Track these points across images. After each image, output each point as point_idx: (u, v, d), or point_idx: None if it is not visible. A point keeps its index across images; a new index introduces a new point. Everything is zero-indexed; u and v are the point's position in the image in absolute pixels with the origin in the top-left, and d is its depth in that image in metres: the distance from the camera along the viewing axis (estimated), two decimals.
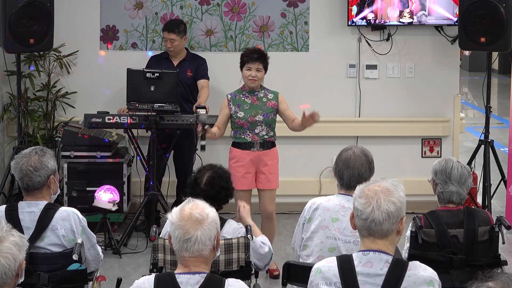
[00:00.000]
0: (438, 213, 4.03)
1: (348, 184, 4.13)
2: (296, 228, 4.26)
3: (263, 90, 5.92)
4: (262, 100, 5.87)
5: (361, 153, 4.19)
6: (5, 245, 2.85)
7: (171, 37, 6.77)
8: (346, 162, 4.14)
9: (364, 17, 7.23)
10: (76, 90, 7.30)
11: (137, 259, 6.22)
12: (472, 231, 3.96)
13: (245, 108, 5.86)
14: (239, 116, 5.84)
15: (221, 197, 4.11)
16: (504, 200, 7.27)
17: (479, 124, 10.38)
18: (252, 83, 5.83)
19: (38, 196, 4.03)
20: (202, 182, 4.11)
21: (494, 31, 6.63)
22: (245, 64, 5.83)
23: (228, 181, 4.19)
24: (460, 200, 4.09)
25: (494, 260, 4.01)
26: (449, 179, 4.07)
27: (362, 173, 4.14)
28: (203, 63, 6.95)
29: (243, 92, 5.91)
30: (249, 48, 6.16)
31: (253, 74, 5.80)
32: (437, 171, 4.13)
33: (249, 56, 5.83)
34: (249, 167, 5.84)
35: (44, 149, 4.10)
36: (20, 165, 4.00)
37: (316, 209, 4.11)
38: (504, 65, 18.14)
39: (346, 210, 4.05)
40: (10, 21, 6.35)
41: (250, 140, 5.83)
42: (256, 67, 5.81)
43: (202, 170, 4.18)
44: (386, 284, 2.97)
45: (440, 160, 4.19)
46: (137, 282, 3.07)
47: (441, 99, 7.51)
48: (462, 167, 4.10)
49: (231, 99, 5.90)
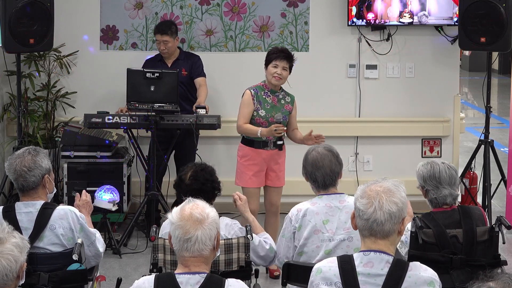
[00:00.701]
0: (433, 215, 4.02)
1: (324, 184, 4.15)
2: (279, 240, 4.19)
3: (282, 92, 5.91)
4: (281, 101, 5.86)
5: (326, 150, 4.21)
6: (7, 246, 2.85)
7: (164, 39, 6.76)
8: (314, 163, 4.15)
9: (364, 17, 7.23)
10: (76, 90, 7.30)
11: (137, 259, 6.22)
12: (471, 231, 3.95)
13: (266, 107, 5.81)
14: (260, 114, 5.79)
15: (206, 189, 4.07)
16: (504, 200, 7.26)
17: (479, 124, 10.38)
18: (276, 81, 5.78)
19: (34, 196, 4.02)
20: (186, 178, 4.10)
21: (494, 31, 6.63)
22: (271, 61, 5.77)
23: (213, 174, 4.15)
24: (453, 200, 4.08)
25: (494, 260, 4.00)
26: (440, 184, 4.03)
27: (333, 168, 4.16)
28: (197, 60, 6.94)
29: (265, 90, 5.85)
30: (276, 46, 6.08)
31: (279, 71, 5.75)
32: (425, 177, 4.07)
33: (278, 53, 5.78)
34: (262, 165, 5.83)
35: (37, 149, 4.09)
36: (14, 166, 3.99)
37: (304, 215, 4.08)
38: (504, 65, 18.14)
39: (333, 209, 4.07)
40: (10, 21, 6.35)
41: (265, 139, 5.81)
42: (283, 66, 5.77)
43: (185, 168, 4.18)
44: (386, 284, 2.97)
45: (424, 165, 4.11)
46: (137, 282, 3.07)
47: (441, 99, 7.51)
48: (449, 167, 4.07)
49: (254, 95, 5.82)
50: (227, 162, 7.23)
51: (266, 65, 5.82)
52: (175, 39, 6.84)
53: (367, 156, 7.50)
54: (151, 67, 6.76)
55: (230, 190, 6.38)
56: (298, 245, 4.08)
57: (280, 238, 4.19)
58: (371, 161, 7.51)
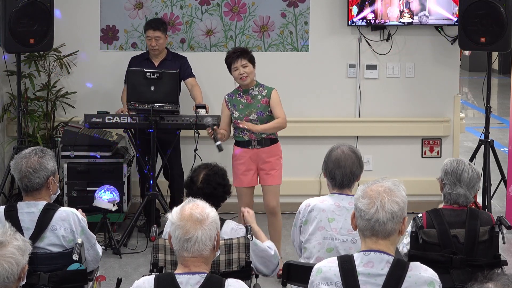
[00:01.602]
0: (441, 211, 4.03)
1: (341, 184, 4.15)
2: (293, 228, 4.26)
3: (257, 87, 5.93)
4: (256, 98, 5.89)
5: (350, 151, 4.19)
6: (9, 249, 2.85)
7: (156, 35, 6.74)
8: (336, 161, 4.14)
9: (364, 17, 7.23)
10: (76, 90, 7.30)
11: (137, 259, 6.22)
12: (474, 231, 3.96)
13: (240, 108, 5.90)
14: (235, 116, 5.89)
15: (218, 194, 4.10)
16: (504, 200, 7.26)
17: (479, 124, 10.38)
18: (244, 81, 5.85)
19: (37, 197, 4.02)
20: (198, 180, 4.10)
21: (494, 31, 6.63)
22: (231, 66, 5.88)
23: (224, 178, 4.17)
24: (467, 203, 4.09)
25: (494, 260, 4.01)
26: (459, 181, 4.06)
27: (354, 171, 4.15)
28: (185, 62, 6.92)
29: (238, 92, 5.96)
30: (229, 50, 6.16)
31: (241, 71, 5.83)
32: (447, 171, 4.11)
33: (231, 56, 5.88)
34: (249, 164, 5.89)
35: (44, 150, 4.09)
36: (19, 166, 4.00)
37: (311, 210, 4.10)
38: (504, 65, 18.14)
39: (341, 209, 4.07)
40: (10, 21, 6.35)
41: (248, 139, 5.88)
42: (241, 64, 5.83)
43: (197, 169, 4.18)
44: (386, 284, 2.97)
45: (452, 161, 4.16)
46: (137, 282, 3.07)
47: (441, 99, 7.51)
48: (473, 170, 4.09)
49: (228, 100, 5.95)
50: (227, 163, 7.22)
51: (229, 71, 5.91)
52: (165, 36, 6.84)
53: (367, 156, 7.49)
54: (137, 65, 6.73)
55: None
56: (304, 239, 4.10)
57: (293, 227, 4.26)
58: (371, 161, 7.51)
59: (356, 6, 7.21)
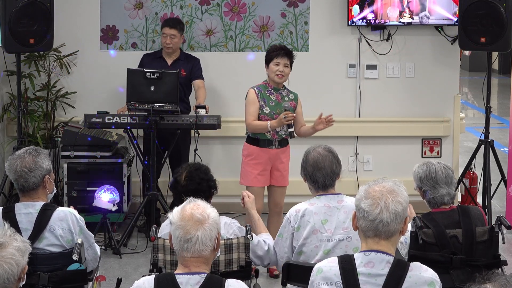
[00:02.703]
0: (433, 215, 4.03)
1: (324, 185, 4.16)
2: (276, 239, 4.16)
3: (285, 89, 5.93)
4: (285, 99, 5.87)
5: (326, 151, 4.21)
6: (8, 250, 2.85)
7: (172, 32, 6.77)
8: (315, 164, 4.16)
9: (364, 17, 7.23)
10: (76, 90, 7.30)
11: (137, 259, 6.22)
12: (470, 230, 3.96)
13: (271, 105, 5.84)
14: (265, 111, 5.82)
15: (203, 189, 4.04)
16: (504, 200, 7.26)
17: (479, 124, 10.38)
18: (279, 79, 5.82)
19: (34, 197, 4.01)
20: (181, 179, 4.08)
21: (494, 31, 6.63)
22: (272, 59, 5.81)
23: (207, 173, 4.14)
24: (451, 200, 4.09)
25: (494, 260, 4.01)
26: (437, 183, 4.06)
27: (334, 169, 4.17)
28: (197, 63, 6.95)
29: (268, 88, 5.89)
30: (275, 45, 6.12)
31: (281, 69, 5.80)
32: (422, 178, 4.10)
33: (278, 51, 5.82)
34: (267, 164, 5.86)
35: (38, 149, 4.08)
36: (14, 166, 3.99)
37: (303, 215, 4.07)
38: (504, 65, 18.15)
39: (332, 209, 4.08)
40: (10, 21, 6.35)
41: (270, 138, 5.84)
42: (284, 63, 5.81)
43: (180, 170, 4.16)
44: (387, 284, 2.97)
45: (420, 166, 4.14)
46: (137, 282, 3.07)
47: (441, 99, 7.51)
48: (445, 167, 4.09)
49: (258, 93, 5.86)
50: (227, 162, 7.24)
51: (267, 63, 5.84)
52: (181, 36, 6.85)
53: (367, 156, 7.49)
54: (149, 62, 6.76)
55: (230, 190, 6.43)
56: (297, 245, 4.08)
57: (277, 238, 4.17)
58: (371, 161, 7.51)
59: (357, 5, 7.21)
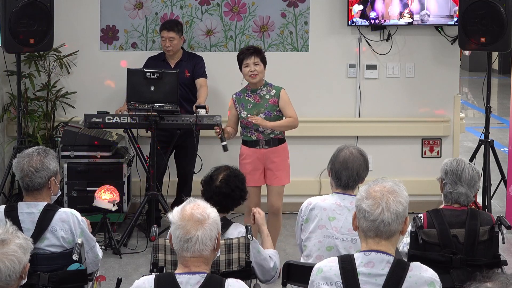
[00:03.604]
0: (441, 212, 4.04)
1: (346, 185, 4.14)
2: (296, 227, 4.27)
3: (266, 87, 5.93)
4: (264, 97, 5.88)
5: (358, 153, 4.19)
6: (11, 247, 2.86)
7: (170, 35, 6.76)
8: (344, 162, 4.12)
9: (364, 17, 7.23)
10: (76, 90, 7.30)
11: (137, 259, 6.22)
12: (474, 231, 3.96)
13: (248, 108, 5.88)
14: (242, 115, 5.88)
15: (235, 196, 4.12)
16: (504, 200, 7.26)
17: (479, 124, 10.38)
18: (253, 79, 5.84)
19: (37, 197, 4.02)
20: (218, 179, 4.13)
21: (494, 31, 6.63)
22: (242, 62, 5.87)
23: (243, 183, 4.21)
24: (467, 202, 4.10)
25: (494, 260, 4.01)
26: (459, 180, 4.07)
27: (360, 173, 4.15)
28: (200, 61, 6.94)
29: (247, 91, 5.94)
30: (242, 48, 6.22)
31: (252, 68, 5.83)
32: (447, 171, 4.12)
33: (244, 53, 5.89)
34: (256, 164, 5.88)
35: (47, 150, 4.09)
36: (21, 165, 4.00)
37: (312, 209, 4.11)
38: (504, 65, 18.15)
39: (342, 208, 4.07)
40: (10, 21, 6.35)
41: (256, 139, 5.88)
42: (253, 61, 5.83)
43: (219, 169, 4.21)
44: (387, 284, 2.97)
45: (452, 160, 4.17)
46: (137, 282, 3.07)
47: (441, 99, 7.51)
48: (474, 169, 4.11)
49: (236, 99, 5.95)
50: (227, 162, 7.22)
51: (240, 68, 5.90)
52: (181, 37, 6.85)
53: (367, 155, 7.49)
54: (154, 65, 6.77)
55: None
56: (304, 237, 4.10)
57: (296, 226, 4.26)
58: (371, 161, 7.43)
59: (358, 5, 7.21)
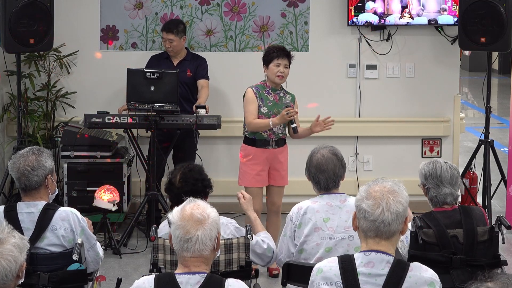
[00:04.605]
0: (434, 215, 4.03)
1: (326, 187, 4.16)
2: (281, 239, 4.20)
3: (282, 90, 5.93)
4: (282, 99, 5.86)
5: (330, 153, 4.19)
6: (6, 247, 2.85)
7: (169, 37, 6.77)
8: (318, 166, 4.15)
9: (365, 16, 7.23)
10: (76, 90, 7.30)
11: (137, 259, 6.22)
12: (472, 230, 3.96)
13: (268, 105, 5.83)
14: (263, 111, 5.81)
15: (198, 189, 4.05)
16: (504, 200, 7.26)
17: (479, 124, 10.38)
18: (279, 80, 5.81)
19: (36, 196, 4.02)
20: (176, 181, 4.10)
21: (494, 31, 6.63)
22: (273, 60, 5.79)
23: (201, 173, 4.15)
24: (454, 200, 4.09)
25: (494, 260, 4.01)
26: (441, 182, 4.06)
27: (337, 172, 4.17)
28: (203, 63, 6.95)
29: (266, 89, 5.88)
30: (275, 45, 6.14)
31: (282, 70, 5.79)
32: (426, 175, 4.11)
33: (278, 52, 5.81)
34: (264, 165, 5.85)
35: (41, 149, 4.09)
36: (17, 165, 3.99)
37: (304, 213, 4.09)
38: (504, 65, 18.14)
39: (334, 208, 4.08)
40: (10, 21, 6.35)
41: (266, 138, 5.83)
42: (285, 64, 5.81)
43: (174, 171, 4.18)
44: (387, 284, 2.97)
45: (427, 163, 4.16)
46: (137, 282, 3.07)
47: (441, 99, 7.51)
48: (451, 167, 4.10)
49: (257, 92, 5.84)
50: (227, 162, 7.24)
51: (267, 64, 5.83)
52: (182, 38, 6.84)
53: (367, 156, 7.50)
54: (157, 63, 6.78)
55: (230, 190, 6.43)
56: (298, 243, 4.09)
57: (282, 238, 4.20)
58: (371, 161, 7.51)
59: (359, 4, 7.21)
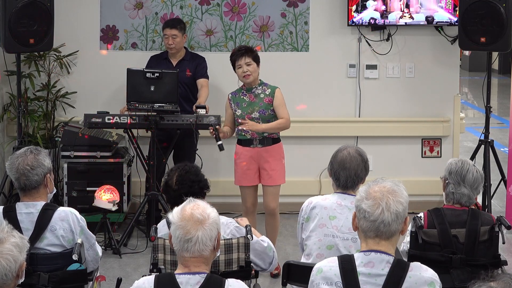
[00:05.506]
0: (442, 211, 4.04)
1: (345, 185, 4.16)
2: (297, 226, 4.29)
3: (261, 86, 5.95)
4: (259, 96, 5.90)
5: (356, 153, 4.19)
6: (6, 246, 2.85)
7: (173, 33, 6.76)
8: (342, 163, 4.15)
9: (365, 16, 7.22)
10: (76, 90, 7.30)
11: (137, 259, 6.22)
12: (474, 231, 3.96)
13: (243, 106, 5.91)
14: (237, 114, 5.91)
15: (195, 191, 4.04)
16: (504, 200, 7.26)
17: (479, 124, 10.38)
18: (247, 79, 5.87)
19: (35, 196, 4.01)
20: (173, 183, 4.09)
21: (494, 31, 6.63)
22: (235, 63, 5.91)
23: (198, 174, 4.15)
24: (469, 204, 4.10)
25: (494, 260, 4.01)
26: (463, 182, 4.08)
27: (359, 173, 4.16)
28: (202, 62, 6.95)
29: (242, 90, 5.98)
30: (234, 48, 6.25)
31: (244, 69, 5.85)
32: (452, 171, 4.12)
33: (235, 54, 5.91)
34: (250, 163, 5.89)
35: (38, 148, 4.10)
36: (16, 165, 3.99)
37: (313, 208, 4.13)
38: (504, 65, 18.14)
39: (343, 208, 4.08)
40: (10, 21, 6.35)
41: (249, 137, 5.90)
42: (245, 62, 5.86)
43: (171, 172, 4.17)
44: (387, 284, 2.97)
45: (457, 161, 4.18)
46: (137, 282, 3.07)
47: (441, 99, 7.51)
48: (478, 171, 4.11)
49: (232, 98, 5.98)
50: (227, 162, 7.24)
51: (234, 70, 5.93)
52: (183, 35, 6.85)
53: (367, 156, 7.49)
54: (156, 64, 6.78)
55: (230, 190, 6.45)
56: (305, 236, 4.11)
57: (297, 225, 4.27)
58: (371, 161, 7.42)
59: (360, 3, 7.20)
